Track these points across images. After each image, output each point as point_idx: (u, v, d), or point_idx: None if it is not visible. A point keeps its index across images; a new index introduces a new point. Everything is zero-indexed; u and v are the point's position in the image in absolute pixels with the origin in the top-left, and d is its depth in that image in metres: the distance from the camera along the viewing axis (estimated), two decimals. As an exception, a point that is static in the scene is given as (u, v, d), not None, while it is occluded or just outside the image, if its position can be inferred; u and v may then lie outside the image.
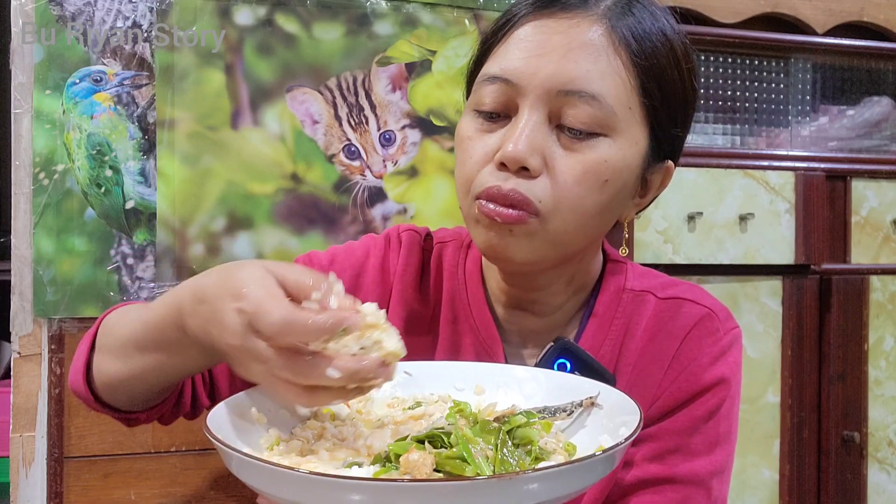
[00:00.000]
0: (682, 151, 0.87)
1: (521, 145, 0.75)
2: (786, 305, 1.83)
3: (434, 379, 0.76)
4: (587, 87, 0.76)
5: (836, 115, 2.02)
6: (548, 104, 0.77)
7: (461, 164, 0.81)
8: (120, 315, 0.82)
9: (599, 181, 0.77)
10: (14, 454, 1.30)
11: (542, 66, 0.76)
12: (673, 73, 0.81)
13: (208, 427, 0.60)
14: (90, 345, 0.82)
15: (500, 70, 0.79)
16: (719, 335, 0.86)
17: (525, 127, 0.76)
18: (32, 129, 1.30)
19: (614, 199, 0.80)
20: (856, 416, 1.88)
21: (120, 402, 0.83)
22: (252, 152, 1.40)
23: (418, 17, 1.48)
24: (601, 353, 0.86)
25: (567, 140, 0.77)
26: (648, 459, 0.83)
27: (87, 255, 1.32)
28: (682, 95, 0.82)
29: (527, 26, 0.79)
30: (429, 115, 1.49)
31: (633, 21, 0.79)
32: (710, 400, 0.84)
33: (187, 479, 1.38)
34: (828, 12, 1.92)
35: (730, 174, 1.78)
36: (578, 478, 0.55)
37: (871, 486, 1.90)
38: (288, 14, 1.42)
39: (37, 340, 1.31)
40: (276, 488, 0.54)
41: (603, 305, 0.88)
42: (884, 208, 1.93)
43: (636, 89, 0.78)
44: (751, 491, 1.80)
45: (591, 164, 0.77)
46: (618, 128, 0.77)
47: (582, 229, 0.80)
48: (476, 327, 0.89)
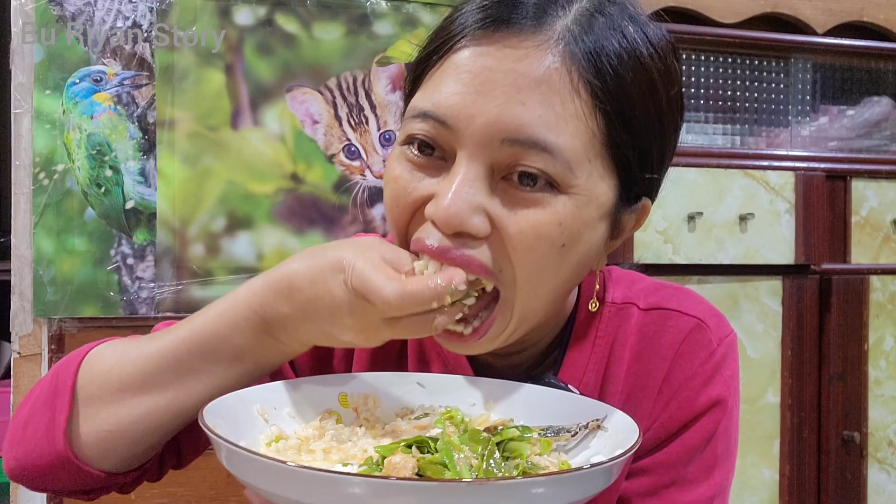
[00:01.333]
0: (659, 189, 0.75)
1: (458, 203, 0.62)
2: (786, 305, 1.83)
3: (446, 392, 0.76)
4: (538, 137, 0.62)
5: (836, 115, 2.02)
6: (489, 154, 0.63)
7: (390, 211, 0.68)
8: (107, 356, 0.69)
9: (555, 246, 0.64)
10: (14, 454, 1.30)
11: (483, 108, 0.62)
12: (647, 107, 0.67)
13: (203, 417, 0.60)
14: (70, 400, 0.68)
15: (432, 106, 0.64)
16: (712, 348, 0.76)
17: (463, 182, 0.63)
18: (32, 129, 1.30)
19: (581, 259, 0.68)
20: (856, 416, 1.88)
21: (111, 460, 0.69)
22: (252, 152, 1.40)
23: (418, 17, 1.48)
24: (583, 382, 0.77)
25: (514, 195, 0.64)
26: (643, 496, 0.76)
27: (87, 255, 1.32)
28: (660, 132, 0.69)
29: (466, 51, 0.64)
30: (429, 115, 1.49)
31: (594, 44, 0.64)
32: (705, 425, 0.76)
33: (187, 479, 1.38)
34: (828, 12, 1.92)
35: (730, 174, 1.78)
36: (559, 491, 0.55)
37: (871, 486, 1.90)
38: (288, 14, 1.42)
39: (37, 340, 1.31)
40: (259, 480, 0.55)
41: (581, 329, 0.78)
42: (884, 208, 1.93)
43: (599, 136, 0.65)
44: (751, 491, 1.80)
45: (544, 229, 0.64)
46: (574, 184, 0.64)
47: (550, 297, 0.69)
48: (445, 358, 0.80)
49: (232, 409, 0.65)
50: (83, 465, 0.68)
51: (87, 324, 1.32)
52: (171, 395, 0.67)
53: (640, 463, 0.77)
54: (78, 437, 0.67)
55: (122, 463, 0.70)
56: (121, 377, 0.67)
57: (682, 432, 0.75)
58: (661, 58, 0.68)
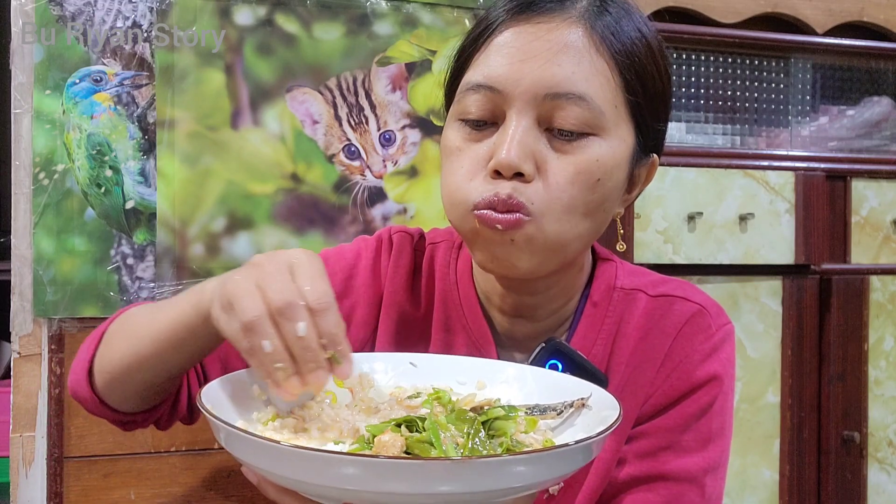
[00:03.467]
0: (664, 144, 0.88)
1: (514, 151, 0.75)
2: (786, 305, 1.83)
3: (438, 372, 0.78)
4: (574, 89, 0.76)
5: (836, 115, 2.02)
6: (535, 108, 0.77)
7: (451, 175, 0.81)
8: (135, 310, 0.84)
9: (592, 181, 0.78)
10: (14, 454, 1.30)
11: (526, 72, 0.77)
12: (652, 69, 0.81)
13: (201, 399, 0.62)
14: (98, 340, 0.83)
15: (483, 78, 0.79)
16: (711, 331, 0.86)
17: (515, 133, 0.76)
18: (32, 129, 1.30)
19: (606, 197, 0.80)
20: (856, 416, 1.88)
21: (118, 399, 0.83)
22: (252, 152, 1.40)
23: (418, 17, 1.48)
24: (593, 352, 0.86)
25: (558, 143, 0.78)
26: (641, 457, 0.84)
27: (87, 255, 1.32)
28: (662, 90, 0.84)
29: (506, 32, 0.79)
30: (429, 115, 1.49)
31: (610, 20, 0.79)
32: (702, 397, 0.84)
33: (187, 479, 1.38)
34: (828, 12, 1.92)
35: (730, 174, 1.78)
36: (542, 468, 0.57)
37: (871, 486, 1.90)
38: (288, 14, 1.42)
39: (37, 340, 1.31)
40: (255, 459, 0.57)
41: (593, 305, 0.88)
42: (884, 208, 1.93)
43: (620, 87, 0.79)
44: (751, 491, 1.81)
45: (583, 165, 0.77)
46: (607, 127, 0.78)
47: (576, 230, 0.79)
48: (469, 328, 0.89)
49: (229, 389, 0.68)
50: (97, 398, 0.82)
51: (88, 324, 1.32)
52: (165, 344, 0.77)
53: (640, 428, 0.85)
54: (94, 375, 0.82)
55: (125, 403, 0.83)
56: (133, 324, 0.80)
57: (680, 401, 0.84)
58: (655, 36, 0.84)
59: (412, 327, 0.91)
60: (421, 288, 0.93)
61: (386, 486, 0.52)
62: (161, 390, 0.83)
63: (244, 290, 0.63)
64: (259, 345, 0.62)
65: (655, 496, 0.82)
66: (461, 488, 0.53)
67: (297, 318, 0.62)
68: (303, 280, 0.64)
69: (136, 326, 0.80)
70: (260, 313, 0.62)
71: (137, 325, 0.80)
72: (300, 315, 0.62)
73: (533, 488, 0.59)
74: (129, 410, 0.84)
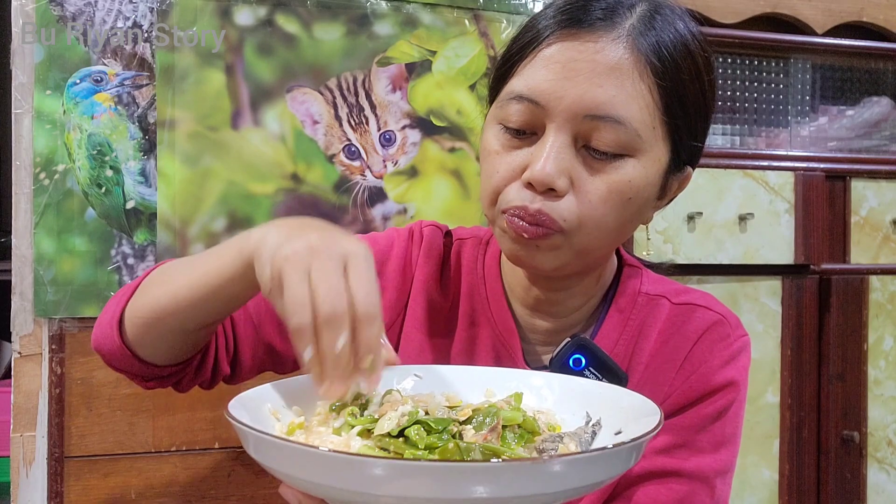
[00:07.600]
0: (700, 157, 0.89)
1: (549, 167, 0.77)
2: (785, 305, 1.83)
3: (443, 382, 0.77)
4: (613, 112, 0.77)
5: (836, 115, 2.02)
6: (574, 127, 0.78)
7: (487, 177, 0.83)
8: (172, 262, 0.85)
9: (623, 199, 0.80)
10: (14, 454, 1.30)
11: (569, 90, 0.78)
12: (694, 87, 0.82)
13: (229, 411, 0.61)
14: (131, 292, 0.83)
15: (527, 90, 0.80)
16: (730, 340, 0.89)
17: (552, 149, 0.78)
18: (33, 129, 1.30)
19: (637, 213, 0.83)
20: (855, 416, 1.88)
21: (149, 348, 0.83)
22: (252, 152, 1.40)
23: (418, 17, 1.48)
24: (615, 351, 0.88)
25: (592, 161, 0.79)
26: (656, 452, 0.85)
27: (87, 255, 1.33)
28: (703, 108, 0.84)
29: (554, 46, 0.80)
30: (429, 116, 1.50)
31: (656, 38, 0.80)
32: (718, 400, 0.86)
33: (187, 479, 1.38)
34: (828, 12, 1.93)
35: (729, 174, 1.78)
36: (604, 466, 0.56)
37: (870, 486, 1.90)
38: (288, 14, 1.42)
39: (37, 340, 1.31)
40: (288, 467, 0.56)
41: (619, 307, 0.91)
42: (883, 208, 1.93)
43: (660, 109, 0.80)
44: (751, 491, 1.81)
45: (615, 185, 0.79)
46: (642, 149, 0.79)
47: (605, 241, 0.82)
48: (494, 321, 0.91)
49: (247, 407, 0.67)
50: (126, 348, 0.82)
51: (88, 324, 1.33)
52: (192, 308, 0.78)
53: None
54: (124, 325, 0.82)
55: (154, 353, 0.83)
56: (170, 273, 0.81)
57: (698, 402, 0.86)
58: (703, 49, 0.83)
59: (439, 317, 0.93)
60: (449, 280, 0.95)
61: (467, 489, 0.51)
62: (192, 342, 0.83)
63: (296, 281, 0.62)
64: (300, 343, 0.63)
65: (668, 491, 0.83)
66: (543, 489, 0.52)
67: (339, 330, 0.62)
68: (356, 283, 0.63)
69: (175, 273, 0.80)
70: (306, 322, 0.62)
71: (176, 271, 0.81)
72: (343, 326, 0.62)
73: (597, 486, 0.58)
74: (157, 363, 0.84)
